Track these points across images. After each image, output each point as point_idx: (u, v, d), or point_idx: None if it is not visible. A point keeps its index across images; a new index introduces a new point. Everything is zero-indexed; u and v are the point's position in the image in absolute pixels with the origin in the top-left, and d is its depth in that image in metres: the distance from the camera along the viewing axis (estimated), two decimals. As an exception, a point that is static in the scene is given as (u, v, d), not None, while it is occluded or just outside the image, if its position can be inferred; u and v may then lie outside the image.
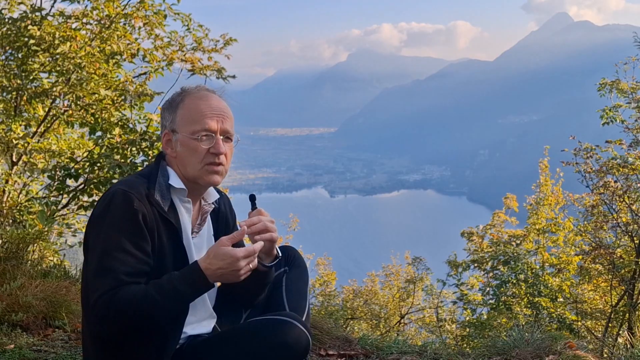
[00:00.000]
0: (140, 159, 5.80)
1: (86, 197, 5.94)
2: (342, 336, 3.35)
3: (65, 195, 5.94)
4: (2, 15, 5.69)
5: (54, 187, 5.82)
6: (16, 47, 5.57)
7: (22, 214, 5.48)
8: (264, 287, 2.13)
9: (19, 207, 5.51)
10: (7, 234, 4.19)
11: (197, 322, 2.05)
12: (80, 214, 6.13)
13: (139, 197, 1.87)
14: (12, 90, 5.69)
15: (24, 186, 6.01)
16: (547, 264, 8.70)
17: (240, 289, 2.14)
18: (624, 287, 6.49)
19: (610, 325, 6.59)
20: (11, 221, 5.36)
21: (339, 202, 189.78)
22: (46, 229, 4.36)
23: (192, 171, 1.98)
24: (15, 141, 5.61)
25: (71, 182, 5.91)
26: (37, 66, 5.62)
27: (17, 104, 5.80)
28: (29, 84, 5.65)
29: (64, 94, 5.62)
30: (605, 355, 3.21)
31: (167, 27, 6.24)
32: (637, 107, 6.88)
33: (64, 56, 5.45)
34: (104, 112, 5.75)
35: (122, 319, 1.77)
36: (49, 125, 6.06)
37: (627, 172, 6.42)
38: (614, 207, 6.65)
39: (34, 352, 2.99)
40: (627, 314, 6.30)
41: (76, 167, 5.79)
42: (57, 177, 5.80)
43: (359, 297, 12.87)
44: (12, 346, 3.03)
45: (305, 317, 2.14)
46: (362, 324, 11.26)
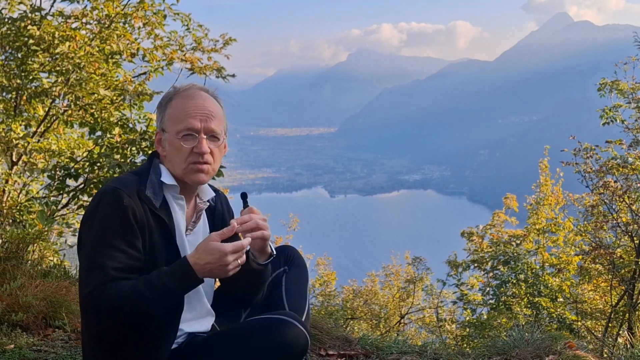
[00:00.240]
0: (140, 159, 5.80)
1: (86, 197, 5.94)
2: (342, 336, 3.35)
3: (65, 195, 5.94)
4: (1, 15, 5.69)
5: (54, 187, 5.82)
6: (16, 47, 5.57)
7: (22, 214, 5.48)
8: (260, 285, 2.13)
9: (19, 207, 5.50)
10: (7, 234, 4.19)
11: (194, 320, 2.05)
12: (80, 213, 6.12)
13: (129, 194, 1.87)
14: (11, 90, 5.69)
15: (24, 186, 6.01)
16: (547, 264, 8.69)
17: (237, 288, 2.14)
18: (624, 287, 6.49)
19: (610, 325, 6.58)
20: (11, 221, 5.36)
21: (339, 202, 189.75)
22: (46, 229, 4.36)
23: (178, 170, 1.99)
24: (15, 141, 5.61)
25: (71, 182, 5.91)
26: (37, 66, 5.62)
27: (17, 104, 5.80)
28: (29, 84, 5.65)
29: (63, 93, 5.62)
30: (605, 355, 3.21)
31: (167, 27, 6.25)
32: (637, 107, 6.88)
33: (63, 56, 5.45)
34: (103, 111, 5.75)
35: (112, 314, 1.78)
36: (49, 125, 6.06)
37: (627, 172, 6.42)
38: (614, 207, 6.65)
39: (34, 352, 2.99)
40: (627, 314, 6.30)
41: (76, 167, 5.79)
42: (57, 177, 5.80)
43: (359, 297, 12.86)
44: (12, 346, 3.03)
45: (305, 317, 2.14)
46: (362, 324, 11.25)
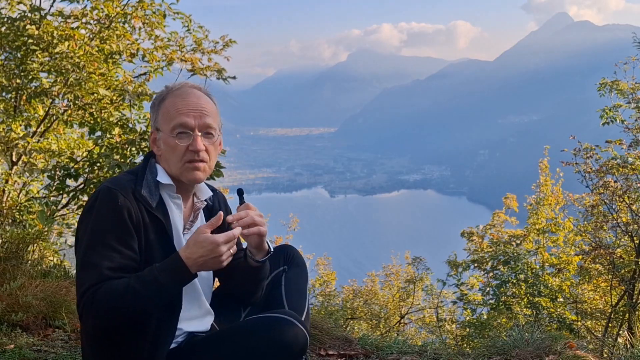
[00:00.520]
0: (139, 159, 5.80)
1: (86, 197, 5.94)
2: (342, 336, 3.34)
3: (65, 195, 5.94)
4: (1, 15, 5.69)
5: (54, 187, 5.82)
6: (15, 46, 5.57)
7: (22, 214, 5.47)
8: (259, 283, 2.13)
9: (19, 207, 5.50)
10: (7, 234, 4.19)
11: (193, 319, 2.05)
12: (80, 214, 6.12)
13: (124, 194, 1.87)
14: (11, 90, 5.69)
15: (24, 186, 6.01)
16: (547, 264, 8.69)
17: (235, 286, 2.14)
18: (624, 287, 6.49)
19: (610, 325, 6.58)
20: (11, 221, 5.36)
21: (339, 202, 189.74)
22: (46, 229, 4.36)
23: (174, 169, 1.98)
24: (15, 141, 5.60)
25: (71, 182, 5.91)
26: (36, 66, 5.62)
27: (17, 104, 5.80)
28: (29, 84, 5.65)
29: (62, 93, 5.62)
30: (605, 355, 3.21)
31: (167, 27, 6.26)
32: (637, 107, 6.88)
33: (63, 55, 5.45)
34: (103, 111, 5.75)
35: (107, 313, 1.77)
36: (49, 125, 6.06)
37: (627, 172, 6.42)
38: (614, 207, 6.65)
39: (34, 352, 2.99)
40: (627, 314, 6.30)
41: (76, 167, 5.79)
42: (57, 177, 5.79)
43: (359, 297, 12.86)
44: (12, 346, 3.03)
45: (304, 317, 2.14)
46: (362, 324, 11.25)
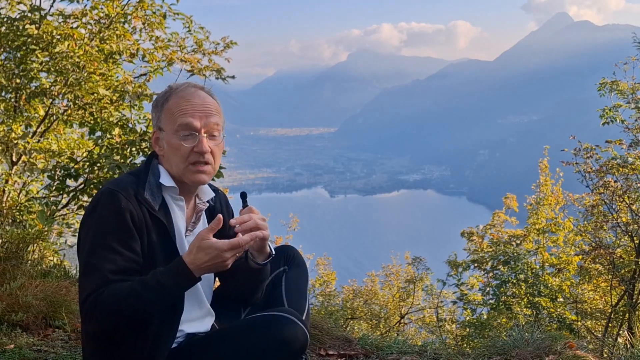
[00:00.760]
0: (139, 159, 5.80)
1: (86, 197, 5.94)
2: (342, 336, 3.34)
3: (65, 195, 5.94)
4: (0, 15, 5.69)
5: (54, 187, 5.82)
6: (15, 46, 5.57)
7: (22, 214, 5.47)
8: (259, 284, 2.13)
9: (19, 207, 5.50)
10: (7, 234, 4.19)
11: (194, 320, 2.04)
12: (80, 214, 6.12)
13: (127, 196, 1.86)
14: (11, 90, 5.69)
15: (24, 186, 6.01)
16: (547, 264, 8.69)
17: (236, 287, 2.14)
18: (624, 287, 6.48)
19: (610, 325, 6.58)
20: (11, 221, 5.36)
21: (339, 202, 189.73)
22: (46, 229, 4.36)
23: (177, 170, 1.96)
24: (15, 141, 5.60)
25: (71, 182, 5.91)
26: (36, 65, 5.62)
27: (17, 104, 5.80)
28: (28, 84, 5.65)
29: (62, 93, 5.62)
30: (605, 355, 3.21)
31: (168, 28, 6.26)
32: (637, 107, 6.88)
33: (62, 55, 5.45)
34: (103, 112, 5.75)
35: (110, 316, 1.77)
36: (49, 125, 6.07)
37: (627, 172, 6.42)
38: (614, 207, 6.65)
39: (34, 352, 2.99)
40: (627, 314, 6.30)
41: (76, 167, 5.79)
42: (57, 177, 5.79)
43: (359, 297, 12.86)
44: (12, 346, 3.03)
45: (305, 316, 2.13)
46: (362, 324, 11.25)
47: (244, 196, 2.01)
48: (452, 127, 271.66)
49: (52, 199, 5.79)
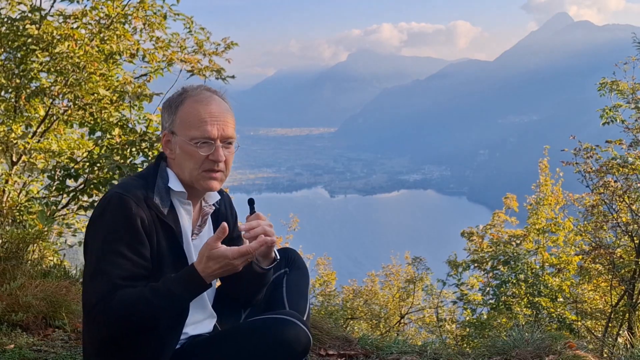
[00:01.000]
0: (139, 160, 5.80)
1: (86, 197, 5.94)
2: (342, 336, 3.35)
3: (65, 195, 5.94)
4: (1, 15, 5.69)
5: (54, 187, 5.82)
6: (15, 46, 5.57)
7: (22, 214, 5.47)
8: (262, 287, 2.13)
9: (19, 207, 5.50)
10: (7, 234, 4.19)
11: (197, 322, 2.06)
12: (80, 214, 6.13)
13: (137, 201, 1.85)
14: (11, 90, 5.69)
15: (24, 186, 6.01)
16: (547, 264, 8.69)
17: (238, 289, 2.14)
18: (624, 287, 6.49)
19: (610, 325, 6.58)
20: (11, 221, 5.36)
21: (339, 202, 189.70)
22: (46, 229, 4.36)
23: (189, 176, 1.95)
24: (15, 141, 5.60)
25: (71, 182, 5.91)
26: (37, 66, 5.62)
27: (17, 104, 5.80)
28: (28, 84, 5.65)
29: (62, 93, 5.62)
30: (605, 355, 3.21)
31: (169, 29, 6.26)
32: (637, 107, 6.88)
33: (63, 55, 5.45)
34: (103, 112, 5.75)
35: (120, 322, 1.78)
36: (49, 125, 6.07)
37: (627, 172, 6.42)
38: (614, 207, 6.65)
39: (34, 352, 2.99)
40: (627, 314, 6.31)
41: (76, 167, 5.79)
42: (57, 177, 5.80)
43: (359, 297, 12.86)
44: (12, 346, 3.03)
45: (305, 318, 2.13)
46: (362, 324, 11.25)
47: (251, 202, 2.00)
48: (452, 127, 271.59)
49: (52, 199, 5.79)
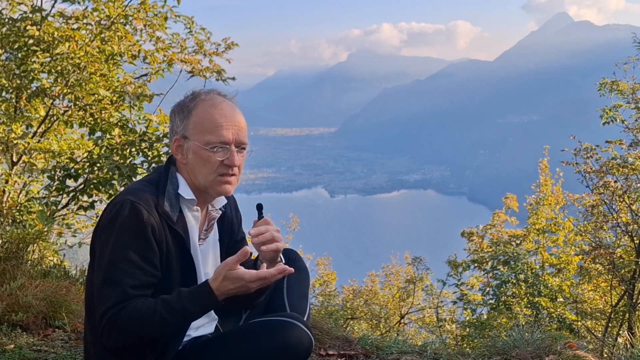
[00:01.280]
0: (139, 160, 5.80)
1: (86, 198, 5.95)
2: (342, 336, 3.35)
3: (65, 195, 5.94)
4: (1, 15, 5.70)
5: (54, 187, 5.82)
6: (16, 47, 5.57)
7: (22, 214, 5.48)
8: (265, 291, 2.12)
9: (19, 207, 5.51)
10: (7, 234, 4.19)
11: (200, 326, 2.08)
12: (80, 214, 6.13)
13: (148, 209, 1.84)
14: (12, 90, 5.70)
15: (24, 186, 6.01)
16: (547, 264, 8.69)
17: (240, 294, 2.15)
18: (624, 287, 6.49)
19: (610, 325, 6.59)
20: (11, 221, 5.36)
21: (339, 202, 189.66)
22: (46, 229, 4.37)
23: (203, 181, 1.95)
24: (15, 141, 5.60)
25: (71, 182, 5.91)
26: (37, 66, 5.62)
27: (18, 104, 5.80)
28: (29, 84, 5.65)
29: (63, 94, 5.62)
30: (605, 355, 3.21)
31: (169, 29, 6.25)
32: (637, 107, 6.88)
33: (63, 56, 5.46)
34: (103, 112, 5.76)
35: (129, 334, 1.78)
36: (50, 125, 6.07)
37: (627, 172, 6.42)
38: (614, 207, 6.65)
39: (34, 352, 2.99)
40: (627, 314, 6.31)
41: (76, 167, 5.79)
42: (57, 177, 5.80)
43: (359, 297, 12.86)
44: (12, 346, 3.03)
45: (306, 318, 2.13)
46: (362, 324, 11.25)
47: (260, 207, 2.01)
48: (452, 127, 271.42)
49: (52, 199, 5.79)
